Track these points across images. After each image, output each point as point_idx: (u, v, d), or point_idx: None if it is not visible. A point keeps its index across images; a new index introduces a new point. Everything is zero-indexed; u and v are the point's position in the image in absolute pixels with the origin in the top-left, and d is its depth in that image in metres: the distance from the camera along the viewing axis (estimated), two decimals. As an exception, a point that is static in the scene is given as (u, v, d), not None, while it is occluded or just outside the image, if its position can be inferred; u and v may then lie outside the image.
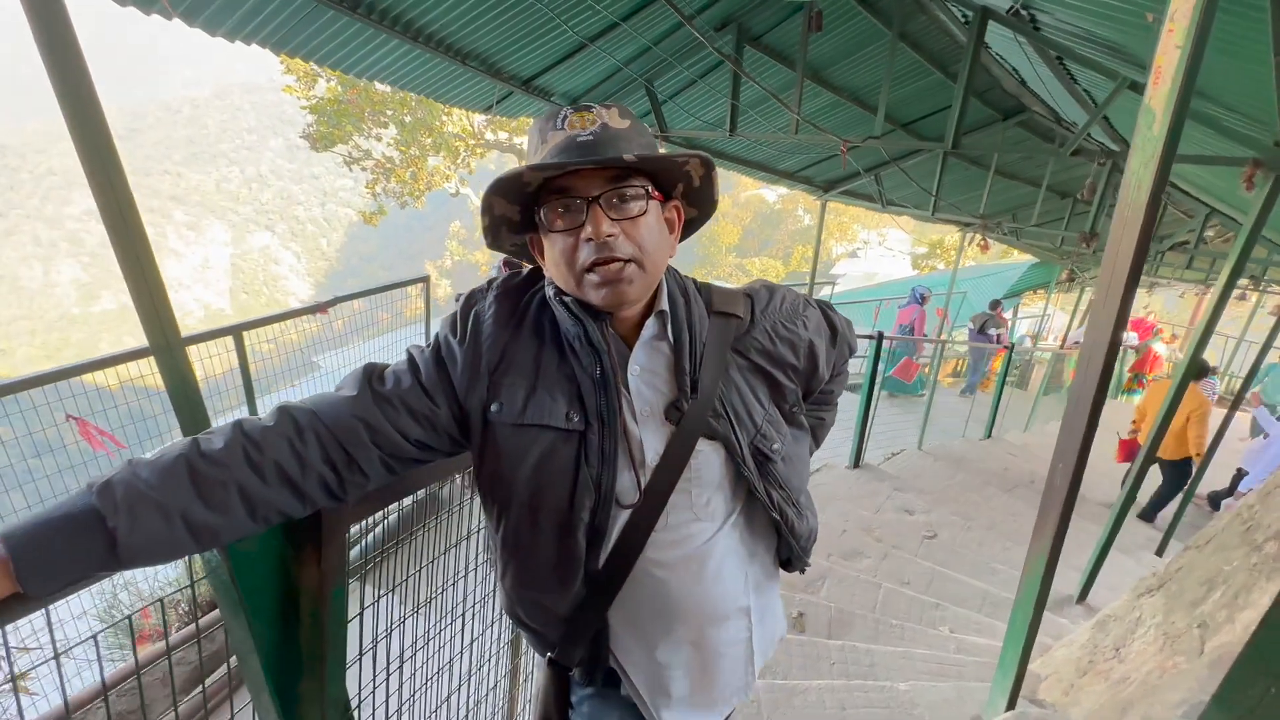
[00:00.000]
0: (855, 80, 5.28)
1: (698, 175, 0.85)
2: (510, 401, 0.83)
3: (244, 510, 0.73)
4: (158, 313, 1.98)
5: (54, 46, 1.61)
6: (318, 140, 13.65)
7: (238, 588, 0.84)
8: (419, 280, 4.23)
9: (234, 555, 0.83)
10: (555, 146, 0.78)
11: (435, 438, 0.85)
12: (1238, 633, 1.70)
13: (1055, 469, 1.68)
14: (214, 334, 2.89)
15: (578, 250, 0.79)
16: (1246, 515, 2.12)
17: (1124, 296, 1.40)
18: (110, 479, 0.67)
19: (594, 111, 0.79)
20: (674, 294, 0.89)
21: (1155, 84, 1.27)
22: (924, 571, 3.76)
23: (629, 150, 0.77)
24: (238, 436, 0.74)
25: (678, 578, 0.87)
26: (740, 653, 0.93)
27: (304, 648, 0.93)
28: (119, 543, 0.65)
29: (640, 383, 0.86)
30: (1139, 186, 1.33)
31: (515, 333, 0.87)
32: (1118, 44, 2.87)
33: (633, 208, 0.79)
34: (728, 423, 0.86)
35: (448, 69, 3.81)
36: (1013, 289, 12.51)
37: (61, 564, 0.63)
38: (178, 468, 0.70)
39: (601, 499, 0.82)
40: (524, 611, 0.90)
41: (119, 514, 0.65)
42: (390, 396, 0.81)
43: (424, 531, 1.22)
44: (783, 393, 0.93)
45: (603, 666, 0.91)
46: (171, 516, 0.69)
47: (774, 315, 0.93)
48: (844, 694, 2.30)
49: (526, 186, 0.79)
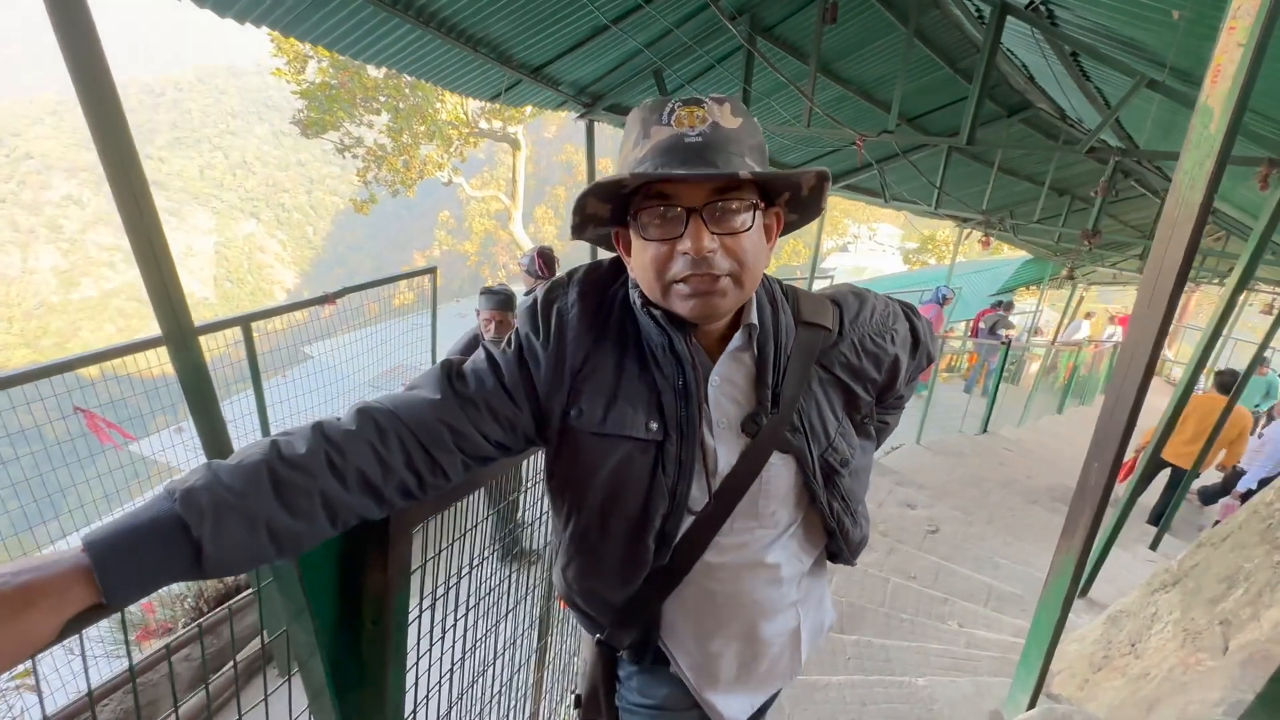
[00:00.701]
0: (865, 74, 5.26)
1: (808, 186, 0.80)
2: (591, 409, 0.81)
3: (325, 517, 0.70)
4: (171, 301, 1.94)
5: (72, 36, 1.55)
6: (308, 126, 13.37)
7: (306, 593, 0.81)
8: (426, 271, 4.17)
9: (302, 559, 0.80)
10: (659, 145, 0.72)
11: (514, 439, 0.83)
12: (1265, 630, 1.72)
13: (1090, 468, 1.68)
14: (224, 324, 2.82)
15: (671, 261, 0.74)
16: (1265, 513, 2.14)
17: (1171, 297, 1.39)
18: (193, 485, 0.63)
19: (705, 107, 0.72)
20: (763, 304, 0.86)
21: (1214, 82, 1.26)
22: (929, 566, 3.78)
23: (740, 155, 0.72)
24: (319, 441, 0.71)
25: (734, 578, 0.88)
26: (788, 642, 0.95)
27: (366, 653, 0.90)
28: (204, 553, 0.62)
29: (719, 394, 0.84)
30: (1192, 185, 1.32)
31: (599, 335, 0.83)
32: (1138, 41, 2.87)
33: (736, 222, 0.74)
34: (803, 436, 0.85)
35: (458, 55, 3.73)
36: (1006, 285, 12.61)
37: (146, 574, 0.60)
38: (260, 474, 0.66)
39: (675, 507, 0.82)
40: (581, 599, 0.92)
41: (204, 523, 0.62)
42: (474, 398, 0.79)
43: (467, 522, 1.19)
44: (857, 404, 0.91)
45: (652, 649, 0.93)
46: (256, 525, 0.65)
47: (863, 328, 0.90)
48: (864, 689, 2.31)
49: (623, 187, 0.75)
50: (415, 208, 70.87)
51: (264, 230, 77.60)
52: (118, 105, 1.68)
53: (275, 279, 74.56)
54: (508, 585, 1.47)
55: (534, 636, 1.75)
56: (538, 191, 57.24)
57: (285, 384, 3.88)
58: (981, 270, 13.74)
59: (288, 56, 12.27)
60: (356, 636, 0.90)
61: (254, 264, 74.80)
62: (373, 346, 4.14)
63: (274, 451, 0.69)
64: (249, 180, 79.40)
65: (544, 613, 1.76)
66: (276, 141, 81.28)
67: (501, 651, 1.47)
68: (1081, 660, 2.51)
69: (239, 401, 3.36)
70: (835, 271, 23.65)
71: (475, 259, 49.64)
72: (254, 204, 78.34)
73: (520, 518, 1.54)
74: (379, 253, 77.29)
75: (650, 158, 0.72)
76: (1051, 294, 14.68)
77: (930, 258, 30.53)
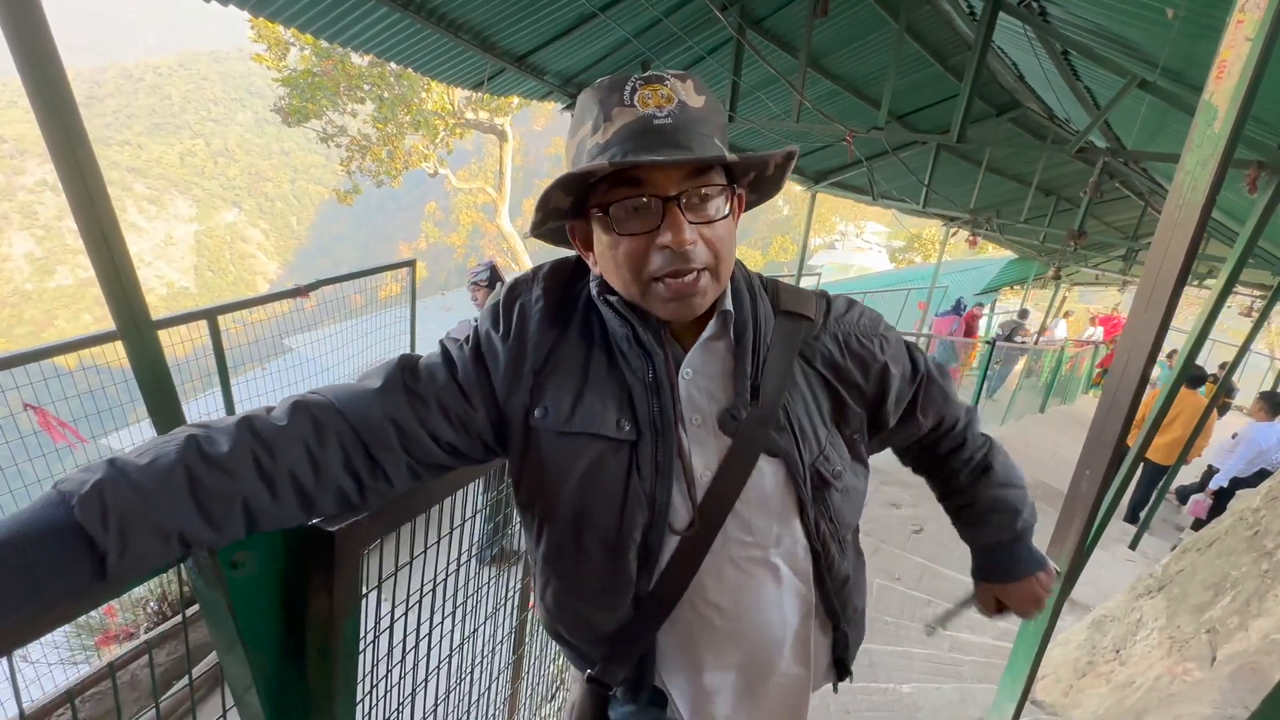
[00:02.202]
0: (856, 69, 5.20)
1: (774, 164, 0.75)
2: (556, 407, 0.74)
3: (244, 526, 0.63)
4: (126, 294, 1.83)
5: (13, 7, 1.44)
6: (290, 114, 13.08)
7: (236, 621, 0.73)
8: (404, 264, 4.05)
9: (233, 585, 0.72)
10: (626, 128, 0.65)
11: (468, 443, 0.75)
12: (1253, 641, 1.69)
13: (1081, 475, 1.63)
14: (187, 317, 2.70)
15: (648, 256, 0.68)
16: (1252, 519, 2.12)
17: (1170, 299, 1.34)
18: (91, 488, 0.54)
19: (668, 85, 0.66)
20: (739, 290, 0.78)
21: (1219, 79, 1.21)
22: (914, 566, 3.76)
23: (710, 136, 0.67)
24: (246, 438, 0.63)
25: (728, 602, 0.80)
26: (792, 683, 0.85)
27: (312, 685, 0.82)
28: (108, 567, 0.54)
29: (692, 388, 0.76)
30: (1194, 186, 1.28)
31: (563, 331, 0.77)
32: (1130, 40, 2.83)
33: (711, 209, 0.69)
34: (791, 438, 0.76)
35: (439, 41, 3.62)
36: (991, 284, 12.70)
37: (38, 590, 0.52)
38: (176, 477, 0.58)
39: (655, 517, 0.74)
40: (565, 629, 0.84)
41: (109, 534, 0.54)
42: (424, 394, 0.72)
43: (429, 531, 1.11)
44: (845, 414, 0.82)
45: (648, 687, 0.85)
46: (170, 536, 0.58)
47: (849, 325, 0.82)
48: (846, 697, 2.27)
49: (590, 176, 0.68)
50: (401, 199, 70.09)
51: (246, 219, 76.33)
52: (63, 80, 1.57)
53: (258, 269, 73.41)
54: (484, 592, 1.40)
55: (509, 647, 1.68)
56: (526, 184, 56.84)
57: (265, 376, 3.76)
58: (967, 269, 13.84)
59: (268, 42, 11.99)
60: (299, 668, 0.82)
61: (236, 253, 73.58)
62: (355, 338, 4.04)
63: (193, 449, 0.61)
64: (231, 168, 78.01)
65: (519, 624, 1.69)
66: (259, 129, 79.91)
67: (476, 664, 1.39)
68: (1066, 665, 2.49)
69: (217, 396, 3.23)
70: (823, 269, 23.73)
71: (462, 251, 49.30)
72: (236, 192, 77.00)
73: (506, 512, 1.46)
74: (364, 243, 76.41)
75: (617, 143, 0.65)
76: (1035, 294, 14.82)
77: (917, 256, 30.77)
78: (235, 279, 70.56)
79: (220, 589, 0.71)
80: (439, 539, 1.05)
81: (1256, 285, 10.05)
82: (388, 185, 15.11)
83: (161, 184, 70.38)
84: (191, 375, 3.26)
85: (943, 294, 11.69)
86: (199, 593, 0.74)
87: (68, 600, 0.56)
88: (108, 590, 0.59)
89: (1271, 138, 2.85)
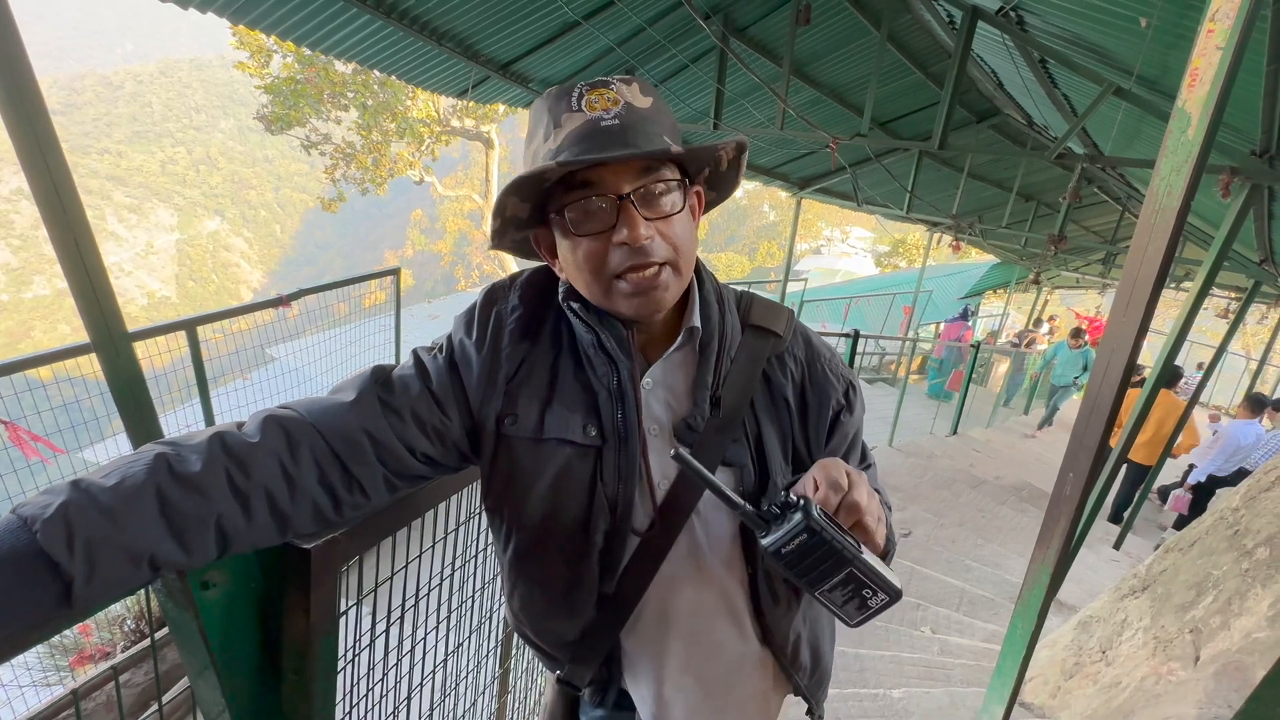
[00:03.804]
0: (838, 77, 5.26)
1: (728, 158, 0.75)
2: (526, 415, 0.75)
3: (216, 547, 0.62)
4: (100, 305, 1.79)
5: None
6: (273, 122, 12.96)
7: (209, 647, 0.70)
8: (388, 272, 4.02)
9: (204, 607, 0.69)
10: (575, 133, 0.66)
11: (444, 453, 0.75)
12: (1235, 639, 1.71)
13: (1065, 478, 1.64)
14: (164, 329, 2.65)
15: (607, 255, 0.69)
16: (1232, 519, 2.15)
17: (1148, 304, 1.36)
18: (54, 512, 0.52)
19: (613, 89, 0.67)
20: (709, 303, 0.78)
21: (1191, 87, 1.23)
22: (902, 570, 3.77)
23: (659, 135, 0.68)
24: (218, 455, 0.62)
25: (686, 611, 0.80)
26: (754, 701, 0.85)
27: (286, 708, 0.80)
28: (74, 593, 0.52)
29: (651, 398, 0.77)
30: (1169, 192, 1.29)
31: (535, 341, 0.77)
32: (1105, 49, 2.89)
33: (666, 204, 0.70)
34: (747, 452, 0.76)
35: (422, 49, 3.61)
36: (975, 288, 12.85)
37: (1, 618, 0.50)
38: (145, 497, 0.57)
39: (618, 521, 0.75)
40: (533, 632, 0.85)
41: (74, 560, 0.52)
42: (398, 406, 0.71)
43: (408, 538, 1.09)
44: (803, 431, 0.80)
45: (615, 688, 0.87)
46: (140, 559, 0.56)
47: (818, 353, 0.82)
48: (837, 703, 2.26)
49: (544, 181, 0.68)
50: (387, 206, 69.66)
51: (229, 228, 75.46)
52: (33, 85, 1.54)
53: (241, 278, 72.56)
54: (469, 606, 1.37)
55: (495, 661, 1.65)
56: (513, 191, 56.32)
57: (248, 387, 3.70)
58: (952, 274, 14.00)
59: (250, 50, 11.90)
60: (275, 690, 0.80)
61: (219, 262, 72.67)
62: (340, 347, 3.99)
63: (162, 468, 0.59)
64: (213, 176, 77.15)
65: (508, 635, 1.66)
66: (242, 137, 79.18)
67: (461, 678, 1.37)
68: (1053, 666, 2.50)
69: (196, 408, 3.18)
70: (809, 274, 23.88)
71: (449, 259, 48.98)
72: (219, 200, 76.12)
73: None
74: (350, 252, 75.82)
75: (567, 146, 0.66)
76: (1018, 297, 15.02)
77: (901, 261, 31.08)
78: (218, 288, 69.69)
79: (191, 611, 0.69)
80: (420, 553, 1.03)
81: (1232, 287, 10.26)
82: (373, 193, 15.00)
83: (142, 193, 69.41)
84: (171, 386, 3.20)
85: (927, 298, 11.81)
86: (168, 615, 0.72)
87: (31, 628, 0.54)
88: (73, 616, 0.58)
89: (1243, 144, 2.92)
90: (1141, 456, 5.20)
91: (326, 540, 0.74)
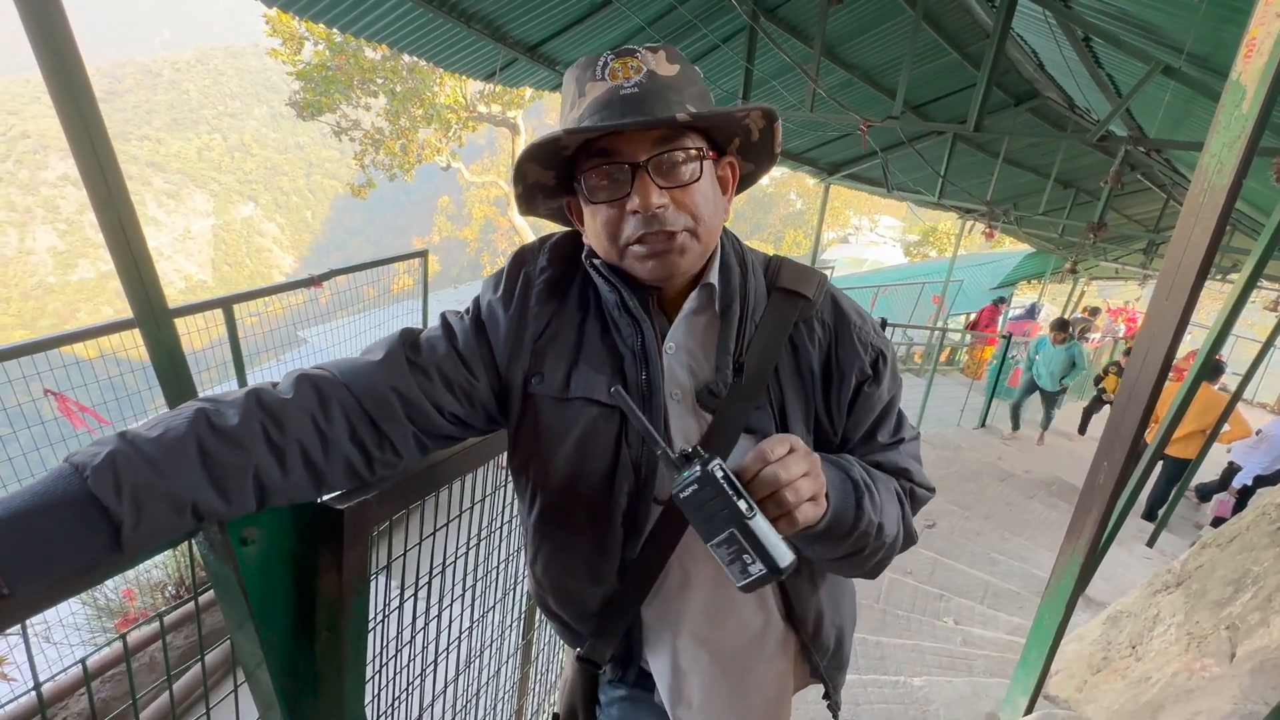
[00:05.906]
0: (870, 59, 5.13)
1: (757, 128, 0.74)
2: (553, 374, 0.76)
3: (255, 498, 0.64)
4: (144, 283, 1.86)
5: (35, 8, 1.46)
6: (305, 108, 13.17)
7: (248, 599, 0.73)
8: (416, 255, 4.07)
9: (244, 561, 0.72)
10: (595, 101, 0.67)
11: (471, 413, 0.76)
12: (1274, 637, 1.66)
13: (1099, 467, 1.60)
14: (202, 306, 2.73)
15: (623, 223, 0.69)
16: (1275, 514, 2.08)
17: (1192, 289, 1.31)
18: (103, 459, 0.55)
19: (638, 56, 0.67)
20: (729, 263, 0.77)
21: (1247, 58, 1.17)
22: (925, 561, 3.73)
23: (680, 103, 0.67)
24: (254, 410, 0.64)
25: (705, 577, 0.81)
26: (771, 677, 0.85)
27: (320, 663, 0.83)
28: (124, 537, 0.55)
29: (674, 362, 0.76)
30: (1219, 170, 1.24)
31: (562, 302, 0.78)
32: (1154, 24, 2.76)
33: (684, 173, 0.69)
34: (771, 419, 0.75)
35: (450, 31, 3.62)
36: (1007, 278, 12.51)
37: (55, 559, 0.52)
38: (187, 447, 0.59)
39: (640, 485, 0.75)
40: (554, 602, 0.85)
41: (123, 505, 0.55)
42: (426, 365, 0.73)
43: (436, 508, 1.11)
44: (828, 399, 0.78)
45: (635, 666, 0.87)
46: (183, 507, 0.59)
47: (847, 319, 0.79)
48: (857, 689, 2.26)
49: (564, 150, 0.69)
50: (414, 192, 70.44)
51: (262, 213, 77.14)
52: (83, 74, 1.60)
53: (273, 263, 74.22)
54: (494, 576, 1.40)
55: (519, 631, 1.69)
56: (538, 178, 56.43)
57: (280, 366, 3.81)
58: (983, 264, 13.66)
59: (283, 37, 12.06)
60: (309, 645, 0.83)
61: (252, 247, 74.41)
62: (369, 329, 4.08)
63: (203, 421, 0.61)
64: (247, 162, 78.80)
65: (530, 608, 1.69)
66: (275, 124, 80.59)
67: (486, 647, 1.40)
68: (1080, 661, 2.45)
69: (232, 385, 3.29)
70: (836, 263, 23.52)
71: (475, 245, 49.40)
72: (252, 187, 77.80)
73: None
74: (378, 237, 76.95)
75: (587, 115, 0.67)
76: (1052, 288, 14.59)
77: (931, 250, 30.40)
78: (251, 273, 71.42)
79: (231, 564, 0.71)
80: (448, 520, 1.06)
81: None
82: (401, 179, 15.18)
83: (180, 179, 71.24)
84: (209, 364, 3.31)
85: (958, 288, 11.54)
86: (210, 568, 0.75)
87: (82, 571, 0.56)
88: (122, 561, 0.60)
89: (1301, 125, 2.78)
90: (1179, 450, 5.03)
91: (359, 501, 0.76)
